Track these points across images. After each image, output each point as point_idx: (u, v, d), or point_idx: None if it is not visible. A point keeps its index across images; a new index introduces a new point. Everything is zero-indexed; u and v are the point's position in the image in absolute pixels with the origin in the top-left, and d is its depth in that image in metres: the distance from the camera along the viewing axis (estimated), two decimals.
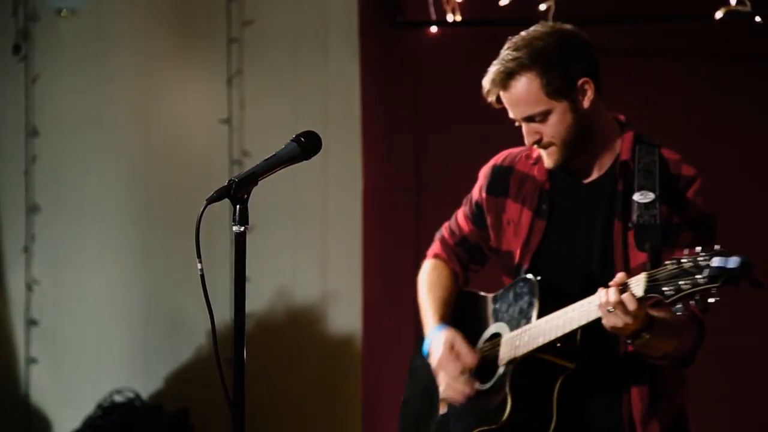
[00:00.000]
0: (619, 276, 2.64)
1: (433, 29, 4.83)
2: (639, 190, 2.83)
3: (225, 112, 5.24)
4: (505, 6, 4.51)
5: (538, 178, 3.00)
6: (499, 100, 2.90)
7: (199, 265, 2.30)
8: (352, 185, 5.12)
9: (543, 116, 2.85)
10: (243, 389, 2.30)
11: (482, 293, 3.14)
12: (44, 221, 5.33)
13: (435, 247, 3.26)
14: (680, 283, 2.51)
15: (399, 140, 5.10)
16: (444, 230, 3.25)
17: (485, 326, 3.06)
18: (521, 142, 2.96)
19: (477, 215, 3.14)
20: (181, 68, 5.35)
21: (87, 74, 5.31)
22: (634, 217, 2.80)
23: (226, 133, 5.23)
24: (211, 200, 2.30)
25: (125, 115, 5.33)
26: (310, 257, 5.24)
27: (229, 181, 2.30)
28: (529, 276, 2.92)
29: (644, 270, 2.62)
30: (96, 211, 5.33)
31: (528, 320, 2.87)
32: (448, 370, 2.99)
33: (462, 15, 4.72)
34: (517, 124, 2.93)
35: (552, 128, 2.86)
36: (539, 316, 2.85)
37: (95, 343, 5.32)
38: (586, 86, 2.86)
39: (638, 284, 2.60)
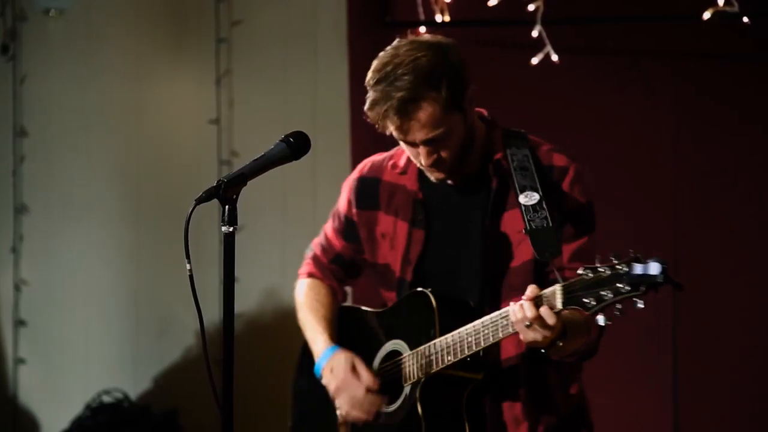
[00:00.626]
0: (532, 290, 2.57)
1: (422, 29, 4.83)
2: (521, 191, 2.74)
3: (214, 113, 5.23)
4: (493, 6, 4.51)
5: (410, 188, 2.93)
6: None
7: (188, 266, 2.29)
8: (341, 185, 5.11)
9: (446, 135, 2.74)
10: (232, 390, 2.29)
11: (366, 308, 3.07)
12: (32, 221, 5.31)
13: (308, 266, 3.19)
14: (601, 293, 2.43)
15: (389, 141, 5.08)
16: (315, 248, 3.18)
17: (378, 344, 2.99)
18: None
19: (348, 230, 3.07)
20: (170, 68, 5.34)
21: (75, 74, 5.30)
22: (526, 223, 2.71)
23: (214, 133, 5.22)
24: (200, 200, 2.29)
25: (114, 115, 5.32)
26: (300, 257, 5.21)
27: (218, 181, 2.30)
28: (422, 290, 2.84)
29: (558, 281, 2.54)
30: (84, 212, 5.32)
31: (429, 337, 2.81)
32: (352, 392, 2.92)
33: (451, 15, 4.72)
34: (412, 146, 2.81)
35: (451, 144, 2.76)
36: (441, 332, 2.79)
37: (84, 344, 5.31)
38: (473, 95, 2.77)
39: (555, 297, 2.52)
